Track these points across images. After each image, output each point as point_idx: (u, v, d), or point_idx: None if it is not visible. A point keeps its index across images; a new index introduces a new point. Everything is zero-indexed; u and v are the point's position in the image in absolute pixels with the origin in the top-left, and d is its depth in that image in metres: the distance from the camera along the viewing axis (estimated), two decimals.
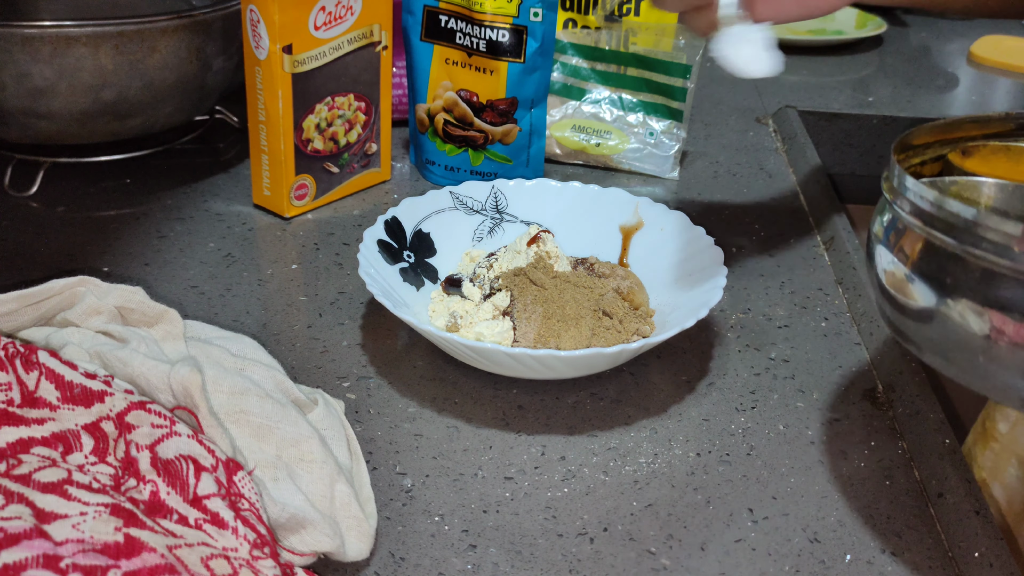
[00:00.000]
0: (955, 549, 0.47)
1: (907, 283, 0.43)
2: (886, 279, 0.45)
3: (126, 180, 0.78)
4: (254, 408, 0.46)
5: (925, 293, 0.42)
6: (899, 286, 0.44)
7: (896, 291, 0.44)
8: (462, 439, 0.53)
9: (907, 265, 0.43)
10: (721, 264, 0.59)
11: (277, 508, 0.42)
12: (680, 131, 0.82)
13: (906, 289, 0.44)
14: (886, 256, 0.45)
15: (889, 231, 0.45)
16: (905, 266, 0.44)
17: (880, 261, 0.46)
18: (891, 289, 0.45)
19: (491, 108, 0.76)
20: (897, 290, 0.44)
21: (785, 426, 0.55)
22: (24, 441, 0.41)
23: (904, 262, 0.44)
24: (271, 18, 0.66)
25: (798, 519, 0.48)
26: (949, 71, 1.11)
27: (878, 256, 0.46)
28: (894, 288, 0.45)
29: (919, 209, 0.43)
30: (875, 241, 0.46)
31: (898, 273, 0.44)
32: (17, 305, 0.50)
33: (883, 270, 0.46)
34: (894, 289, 0.45)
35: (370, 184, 0.79)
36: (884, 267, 0.45)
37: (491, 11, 0.72)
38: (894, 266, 0.44)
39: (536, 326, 0.57)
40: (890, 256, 0.45)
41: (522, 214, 0.68)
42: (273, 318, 0.62)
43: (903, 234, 0.44)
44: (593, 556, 0.46)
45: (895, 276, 0.44)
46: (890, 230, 0.45)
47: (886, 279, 0.45)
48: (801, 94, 1.01)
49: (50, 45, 0.66)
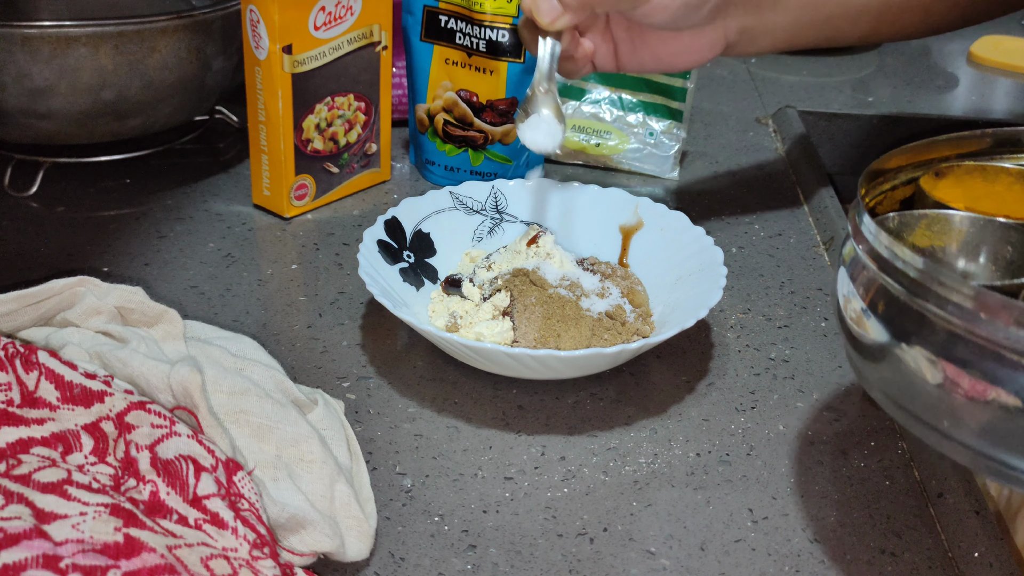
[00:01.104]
0: (955, 549, 0.47)
1: (863, 317, 0.42)
2: (844, 306, 0.44)
3: (126, 180, 0.78)
4: (254, 408, 0.46)
5: (879, 331, 0.41)
6: (855, 318, 0.43)
7: (852, 322, 0.43)
8: (462, 439, 0.53)
9: (864, 300, 0.42)
10: (721, 264, 0.59)
11: (277, 508, 0.42)
12: (680, 131, 0.82)
13: (862, 322, 0.42)
14: (846, 283, 0.44)
15: (852, 262, 0.44)
16: (862, 300, 0.42)
17: (841, 287, 0.44)
18: (848, 319, 0.44)
19: (491, 108, 0.76)
20: (853, 321, 0.43)
21: (785, 426, 0.55)
22: (24, 441, 0.41)
23: (862, 296, 0.42)
24: (271, 18, 0.66)
25: (798, 519, 0.48)
26: (949, 71, 1.11)
27: (840, 281, 0.45)
28: (850, 319, 0.43)
29: (874, 251, 0.41)
30: (840, 263, 0.45)
31: (855, 304, 0.43)
32: (17, 305, 0.50)
33: (843, 295, 0.44)
34: (850, 320, 0.43)
35: (370, 184, 0.79)
36: (844, 293, 0.44)
37: (491, 11, 0.72)
38: (853, 297, 0.43)
39: (536, 326, 0.57)
40: (850, 285, 0.43)
41: (522, 214, 0.68)
42: (273, 318, 0.62)
43: (861, 270, 0.42)
44: (593, 556, 0.46)
45: (853, 307, 0.43)
46: (853, 261, 0.44)
47: (844, 306, 0.44)
48: (801, 94, 1.01)
49: (50, 45, 0.66)
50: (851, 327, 0.43)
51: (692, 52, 0.61)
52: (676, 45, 0.61)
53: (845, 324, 0.44)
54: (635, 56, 0.62)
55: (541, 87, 0.58)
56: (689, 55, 0.61)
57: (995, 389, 0.36)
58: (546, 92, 0.58)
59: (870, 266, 0.42)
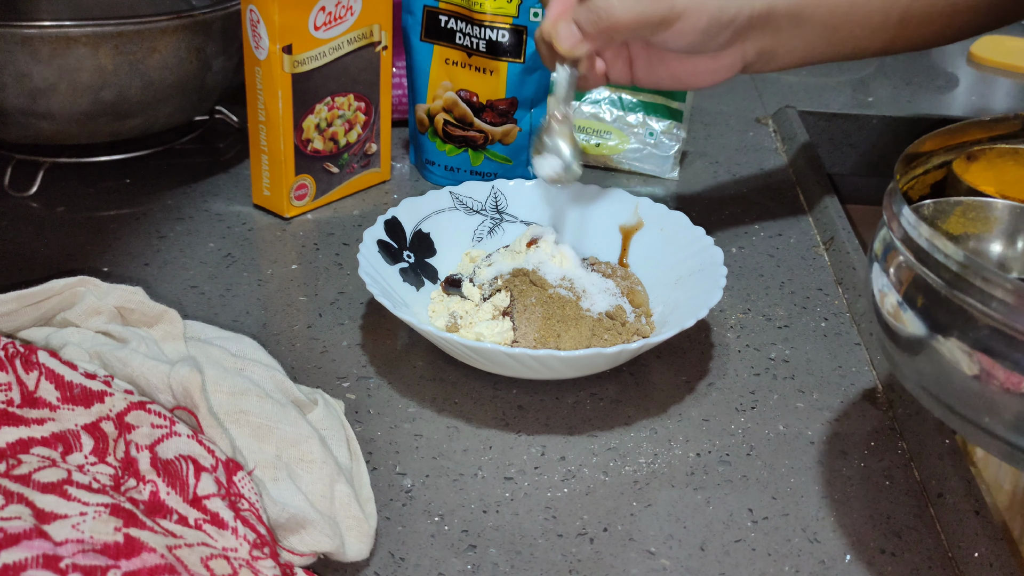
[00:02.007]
0: (955, 549, 0.47)
1: (899, 310, 0.41)
2: (880, 301, 0.44)
3: (126, 180, 0.78)
4: (254, 408, 0.46)
5: (916, 324, 0.40)
6: (892, 311, 0.42)
7: (889, 316, 0.43)
8: (462, 439, 0.53)
9: (899, 292, 0.42)
10: (721, 264, 0.59)
11: (277, 508, 0.42)
12: (680, 131, 0.82)
13: (898, 315, 0.42)
14: (880, 278, 0.43)
15: (886, 252, 0.43)
16: (897, 293, 0.42)
17: (875, 282, 0.44)
18: (884, 313, 0.43)
19: (491, 108, 0.76)
20: (890, 315, 0.43)
21: (785, 426, 0.55)
22: (24, 441, 0.41)
23: (897, 288, 0.42)
24: (271, 18, 0.66)
25: (798, 519, 0.48)
26: (949, 71, 1.11)
27: (874, 276, 0.44)
28: (887, 312, 0.43)
29: (911, 240, 0.41)
30: (873, 259, 0.44)
31: (891, 298, 0.42)
32: (17, 305, 0.50)
33: (878, 291, 0.44)
34: (887, 314, 0.43)
35: (370, 184, 0.79)
36: (879, 288, 0.44)
37: (491, 11, 0.72)
38: (888, 290, 0.43)
39: (536, 326, 0.57)
40: (884, 279, 0.43)
41: (522, 214, 0.68)
42: (273, 318, 0.62)
43: (896, 260, 0.42)
44: (593, 556, 0.46)
45: (888, 300, 0.43)
46: (887, 251, 0.43)
47: (880, 301, 0.44)
48: (801, 94, 1.01)
49: (50, 45, 0.66)
50: (888, 320, 0.43)
51: (710, 72, 0.61)
52: (694, 65, 0.60)
53: (881, 318, 0.43)
54: (652, 73, 0.62)
55: (557, 113, 0.58)
56: (707, 74, 0.61)
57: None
58: (562, 120, 0.58)
59: (908, 257, 0.41)
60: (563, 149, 0.58)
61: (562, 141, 0.58)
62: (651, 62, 0.61)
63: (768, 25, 0.60)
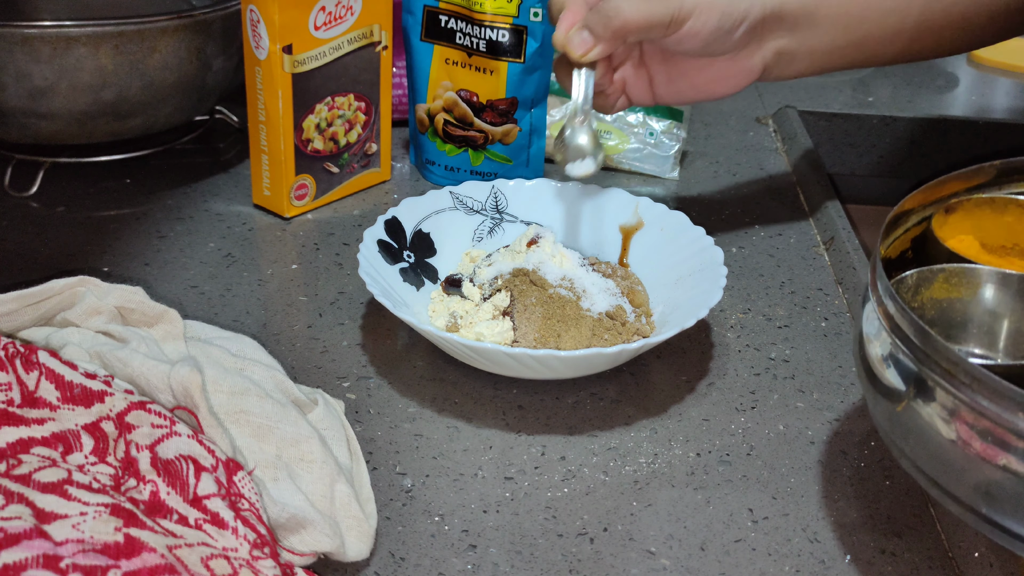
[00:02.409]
0: (955, 549, 0.47)
1: (882, 362, 0.42)
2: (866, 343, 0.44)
3: (126, 180, 0.78)
4: (254, 408, 0.46)
5: (896, 379, 0.41)
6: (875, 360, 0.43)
7: (873, 362, 0.43)
8: (462, 439, 0.53)
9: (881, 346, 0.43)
10: (721, 264, 0.59)
11: (277, 508, 0.42)
12: (680, 131, 0.82)
13: (880, 367, 0.43)
14: (872, 319, 0.44)
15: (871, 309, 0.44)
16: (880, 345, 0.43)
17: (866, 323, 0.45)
18: (868, 356, 0.44)
19: (491, 108, 0.76)
20: (874, 361, 0.43)
21: (785, 426, 0.55)
22: (24, 441, 0.41)
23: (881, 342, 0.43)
24: (271, 18, 0.66)
25: (798, 519, 0.48)
26: (949, 71, 1.11)
27: (865, 314, 0.45)
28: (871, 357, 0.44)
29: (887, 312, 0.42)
30: (869, 296, 0.45)
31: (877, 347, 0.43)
32: (17, 305, 0.50)
33: (865, 332, 0.45)
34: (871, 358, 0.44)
35: (370, 184, 0.79)
36: (866, 331, 0.44)
37: (491, 11, 0.72)
38: (874, 337, 0.43)
39: (536, 326, 0.57)
40: (876, 322, 0.43)
41: (522, 214, 0.68)
42: (273, 318, 0.62)
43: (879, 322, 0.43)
44: (593, 556, 0.46)
45: (873, 346, 0.43)
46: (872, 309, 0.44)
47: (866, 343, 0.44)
48: (801, 94, 1.01)
49: (50, 45, 0.66)
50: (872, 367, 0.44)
51: (730, 78, 0.61)
52: (713, 72, 0.60)
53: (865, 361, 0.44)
54: (672, 87, 0.62)
55: (578, 118, 0.59)
56: (727, 81, 0.61)
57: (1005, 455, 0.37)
58: (582, 122, 0.59)
59: (883, 326, 0.42)
60: (589, 149, 0.60)
61: (588, 141, 0.60)
62: (670, 76, 0.61)
63: (782, 23, 0.59)
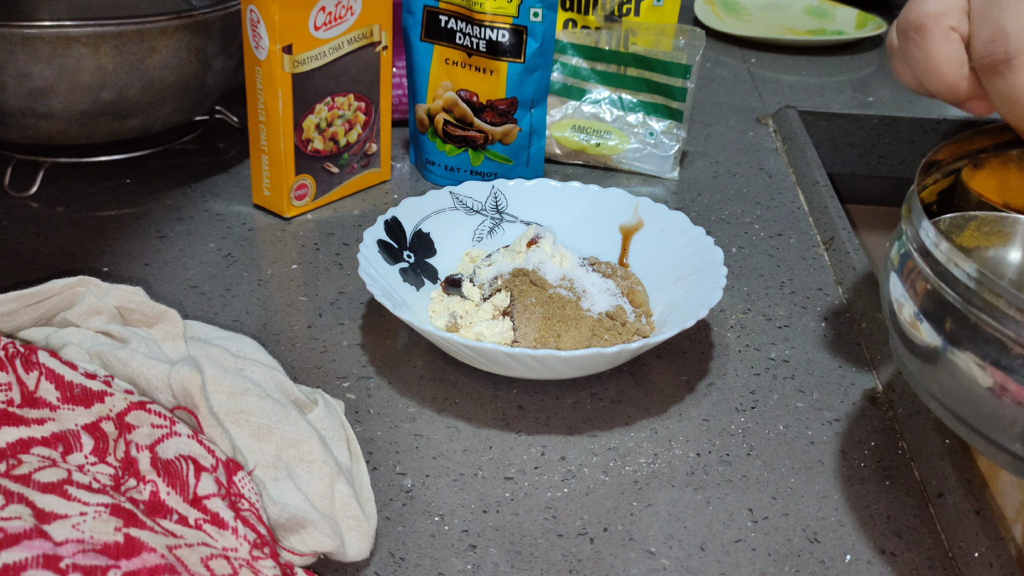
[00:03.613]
0: (955, 549, 0.47)
1: (916, 320, 0.42)
2: (897, 310, 0.44)
3: (126, 180, 0.78)
4: (254, 408, 0.46)
5: (931, 335, 0.41)
6: (908, 321, 0.42)
7: (906, 325, 0.43)
8: (462, 439, 0.53)
9: (915, 303, 0.42)
10: (721, 264, 0.59)
11: (277, 508, 0.42)
12: (680, 131, 0.82)
13: (914, 325, 0.42)
14: (898, 287, 0.43)
15: (903, 261, 0.43)
16: (914, 303, 0.42)
17: (892, 291, 0.44)
18: (901, 323, 0.43)
19: (491, 108, 0.76)
20: (907, 324, 0.43)
21: (785, 426, 0.55)
22: (24, 441, 0.41)
23: (913, 299, 0.42)
24: (271, 18, 0.66)
25: (798, 519, 0.48)
26: None
27: (892, 285, 0.44)
28: (904, 322, 0.43)
29: (927, 251, 0.41)
30: (890, 268, 0.44)
31: (907, 308, 0.42)
32: (17, 305, 0.50)
33: (895, 300, 0.44)
34: (904, 323, 0.43)
35: (370, 184, 0.79)
36: (896, 297, 0.44)
37: (491, 11, 0.72)
38: (904, 300, 0.43)
39: (536, 326, 0.57)
40: (901, 288, 0.43)
41: (522, 214, 0.68)
42: (273, 318, 0.62)
43: (913, 270, 0.42)
44: (593, 556, 0.46)
45: (905, 310, 0.43)
46: (904, 260, 0.43)
47: (897, 310, 0.44)
48: (801, 94, 1.01)
49: (50, 45, 0.66)
50: (905, 330, 0.43)
51: None
52: None
53: (898, 327, 0.44)
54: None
55: None
56: None
57: None
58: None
59: (922, 266, 0.41)
60: None
61: None
62: None
63: None
